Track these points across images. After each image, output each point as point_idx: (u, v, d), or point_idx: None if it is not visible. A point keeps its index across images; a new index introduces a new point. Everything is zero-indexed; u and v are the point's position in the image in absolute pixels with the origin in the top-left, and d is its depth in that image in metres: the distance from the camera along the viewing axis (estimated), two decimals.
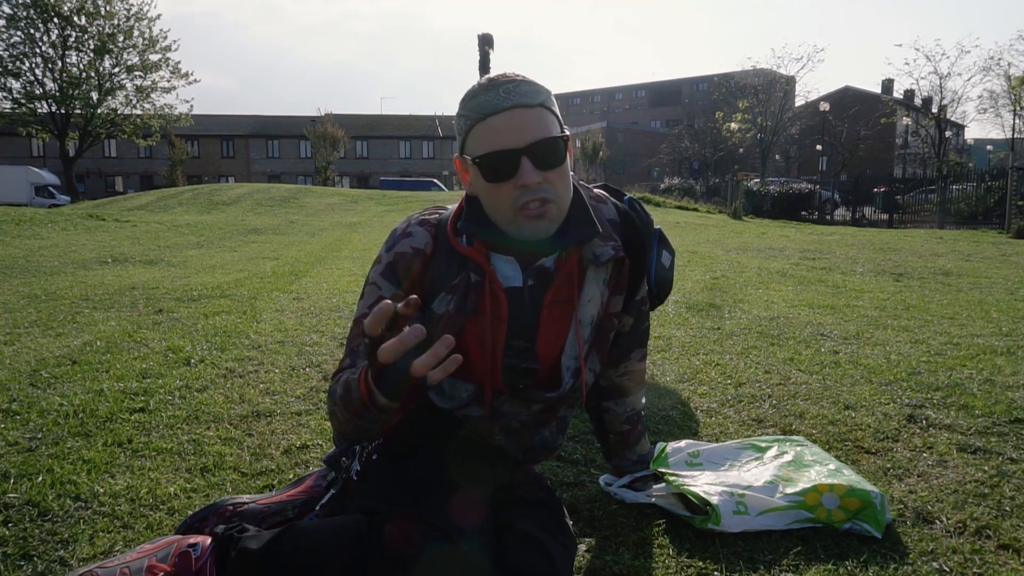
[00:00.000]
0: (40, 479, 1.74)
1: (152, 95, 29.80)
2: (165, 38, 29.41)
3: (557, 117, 1.30)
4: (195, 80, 30.71)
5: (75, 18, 27.85)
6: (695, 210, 19.56)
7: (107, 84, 28.99)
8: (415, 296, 0.96)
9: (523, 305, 1.34)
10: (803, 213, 19.94)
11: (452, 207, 1.42)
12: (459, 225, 1.34)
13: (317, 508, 1.38)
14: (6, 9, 27.44)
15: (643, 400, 1.73)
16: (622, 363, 1.62)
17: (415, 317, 1.35)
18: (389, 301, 0.95)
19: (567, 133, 1.31)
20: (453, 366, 0.96)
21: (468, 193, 1.36)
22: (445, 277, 1.34)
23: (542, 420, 1.45)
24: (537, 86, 1.27)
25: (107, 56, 28.67)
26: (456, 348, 1.32)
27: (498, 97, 1.24)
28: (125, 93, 29.59)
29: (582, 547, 1.49)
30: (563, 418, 1.50)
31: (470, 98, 1.27)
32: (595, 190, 1.49)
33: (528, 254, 1.34)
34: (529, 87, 1.26)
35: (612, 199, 1.50)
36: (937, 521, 1.62)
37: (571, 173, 1.36)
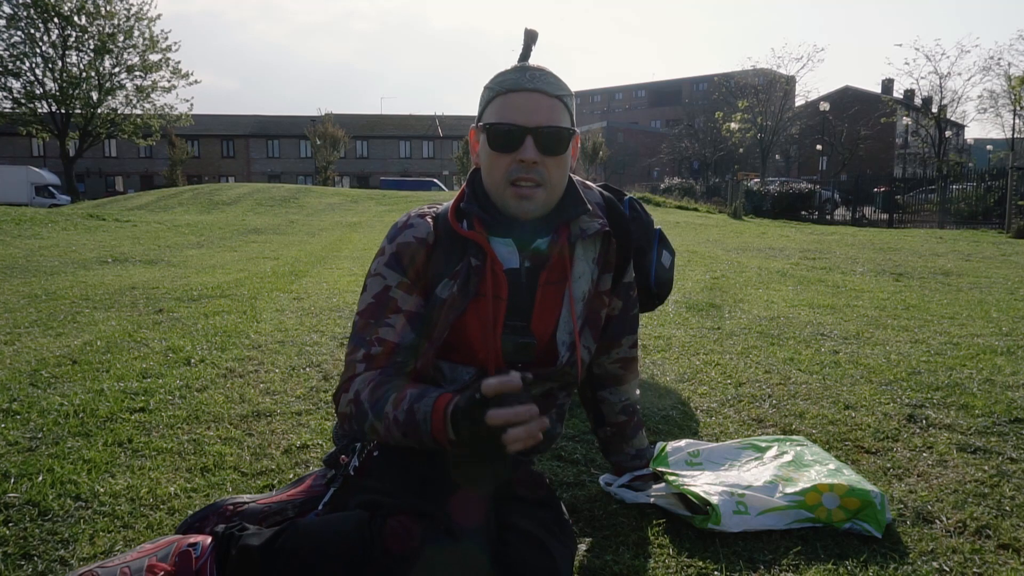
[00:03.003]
0: (40, 479, 1.74)
1: (152, 95, 29.82)
2: (166, 38, 29.44)
3: (571, 115, 1.39)
4: (195, 80, 30.74)
5: (75, 18, 27.84)
6: (695, 210, 19.55)
7: (107, 84, 28.98)
8: (529, 374, 1.12)
9: (520, 286, 1.40)
10: (803, 213, 19.93)
11: (448, 203, 1.47)
12: (462, 206, 1.41)
13: (320, 507, 1.38)
14: (6, 9, 27.50)
15: (637, 392, 1.75)
16: (613, 349, 1.66)
17: (421, 303, 1.40)
18: (519, 379, 1.09)
19: (575, 130, 1.40)
20: (532, 441, 1.09)
21: (475, 164, 1.44)
22: (447, 265, 1.39)
23: (541, 407, 1.46)
24: (561, 82, 1.38)
25: (107, 56, 28.67)
26: (457, 329, 1.38)
27: (523, 78, 1.34)
28: (125, 93, 29.61)
29: (582, 547, 1.49)
30: (561, 406, 1.53)
31: (499, 75, 1.37)
32: (578, 179, 1.56)
33: (524, 237, 1.40)
34: (554, 79, 1.36)
35: (596, 187, 1.59)
36: (937, 521, 1.62)
37: (570, 170, 1.44)
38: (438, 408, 1.19)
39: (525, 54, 1.42)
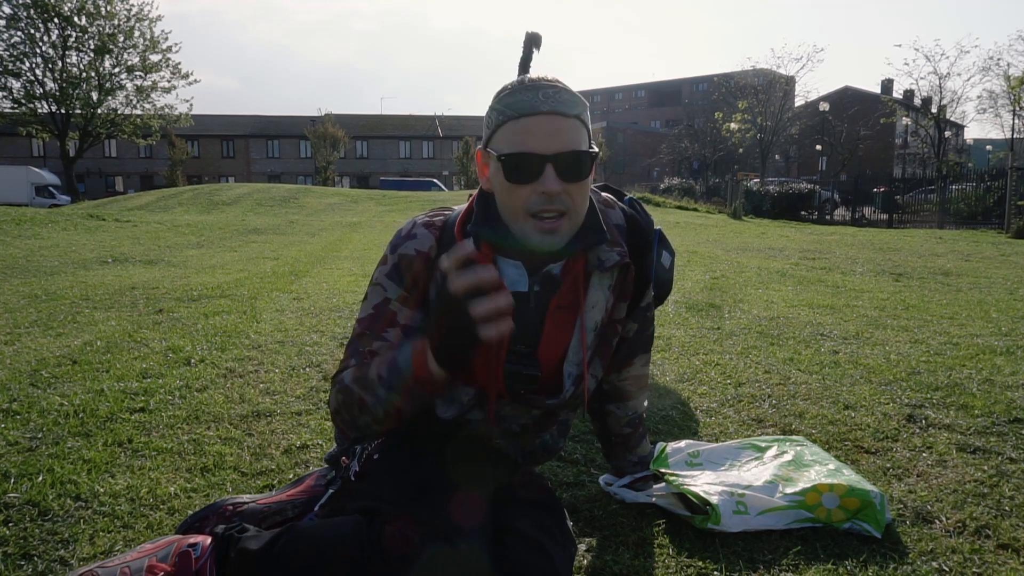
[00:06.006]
0: (40, 479, 1.74)
1: (152, 95, 29.81)
2: (166, 39, 29.42)
3: (588, 132, 1.29)
4: (195, 80, 30.73)
5: (75, 18, 27.80)
6: (695, 210, 19.55)
7: (107, 84, 28.96)
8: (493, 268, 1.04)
9: (527, 310, 1.34)
10: (803, 213, 19.94)
11: (458, 208, 1.41)
12: (468, 228, 1.34)
13: (316, 508, 1.38)
14: (6, 9, 27.47)
15: (645, 403, 1.73)
16: (625, 368, 1.62)
17: (418, 316, 1.36)
18: (471, 244, 1.05)
19: (595, 150, 1.29)
20: (506, 327, 1.04)
21: (483, 189, 1.35)
22: None
23: (542, 424, 1.45)
24: (577, 97, 1.27)
25: (107, 56, 28.64)
26: None
27: (537, 99, 1.22)
28: (125, 93, 29.58)
29: (582, 547, 1.49)
30: (564, 421, 1.50)
31: (507, 94, 1.25)
32: (603, 194, 1.49)
33: (535, 260, 1.34)
34: (569, 96, 1.25)
35: (619, 204, 1.49)
36: (936, 521, 1.62)
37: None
38: (418, 346, 1.18)
39: (526, 61, 1.34)
